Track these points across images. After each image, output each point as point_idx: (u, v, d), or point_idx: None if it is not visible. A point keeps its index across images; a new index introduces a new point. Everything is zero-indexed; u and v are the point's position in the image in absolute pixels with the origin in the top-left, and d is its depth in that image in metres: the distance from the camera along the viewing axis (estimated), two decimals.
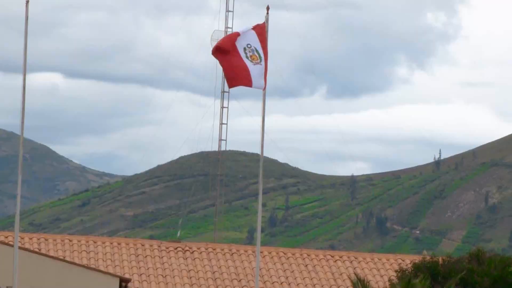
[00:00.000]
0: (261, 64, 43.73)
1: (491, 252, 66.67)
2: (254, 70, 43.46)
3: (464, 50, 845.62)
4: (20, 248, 53.46)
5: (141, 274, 67.24)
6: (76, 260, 66.64)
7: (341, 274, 67.43)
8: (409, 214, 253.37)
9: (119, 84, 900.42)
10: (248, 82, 43.06)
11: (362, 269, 66.24)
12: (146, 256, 70.35)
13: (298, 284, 66.62)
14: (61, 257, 65.92)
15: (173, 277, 67.54)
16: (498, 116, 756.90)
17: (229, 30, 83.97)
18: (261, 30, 44.61)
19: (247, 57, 43.75)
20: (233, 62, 43.99)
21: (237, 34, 44.03)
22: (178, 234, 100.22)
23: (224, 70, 43.92)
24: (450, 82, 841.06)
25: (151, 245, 74.42)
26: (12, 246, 54.19)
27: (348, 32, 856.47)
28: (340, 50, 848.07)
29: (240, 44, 44.22)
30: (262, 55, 43.82)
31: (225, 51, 43.94)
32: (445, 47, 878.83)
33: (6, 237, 65.39)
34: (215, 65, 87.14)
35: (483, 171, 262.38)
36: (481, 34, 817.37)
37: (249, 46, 44.07)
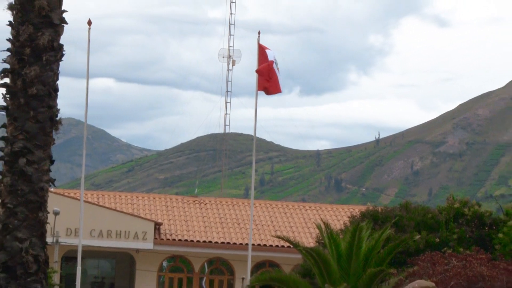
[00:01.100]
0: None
1: (415, 203, 67.72)
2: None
3: (396, 61, 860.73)
4: (84, 201, 57.64)
5: (169, 219, 71.24)
6: (124, 210, 70.84)
7: (310, 219, 70.74)
8: (357, 177, 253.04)
9: (153, 86, 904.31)
10: (279, 91, 51.82)
11: (325, 216, 68.11)
12: (173, 207, 74.67)
13: (280, 226, 70.90)
14: (113, 208, 70.36)
15: (192, 221, 71.69)
16: (420, 108, 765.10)
17: (231, 48, 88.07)
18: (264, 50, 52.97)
19: (277, 69, 52.01)
20: (272, 76, 51.35)
21: (271, 62, 51.89)
22: (196, 191, 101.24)
23: (266, 83, 51.57)
24: (386, 84, 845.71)
25: (176, 199, 79.09)
26: (79, 199, 56.42)
27: (315, 49, 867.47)
28: (310, 62, 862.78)
29: (274, 61, 51.71)
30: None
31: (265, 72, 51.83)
32: (382, 59, 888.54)
33: (75, 194, 70.45)
34: (221, 72, 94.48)
35: (409, 146, 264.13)
36: (408, 50, 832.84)
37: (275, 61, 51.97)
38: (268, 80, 51.62)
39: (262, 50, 54.11)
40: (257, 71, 51.77)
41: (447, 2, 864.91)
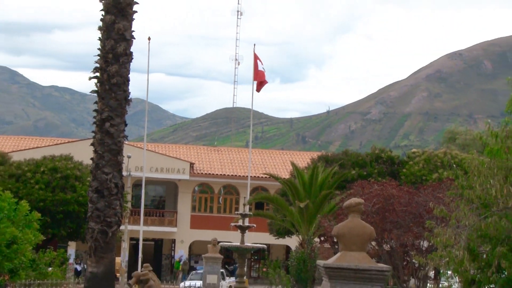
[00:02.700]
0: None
1: (351, 151, 69.44)
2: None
3: (339, 63, 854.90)
4: (146, 149, 62.27)
5: (199, 161, 70.37)
6: (171, 154, 69.73)
7: (286, 161, 69.88)
8: (316, 134, 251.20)
9: (189, 78, 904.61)
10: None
11: (295, 159, 68.08)
12: (201, 153, 74.00)
13: (267, 165, 70.40)
14: (164, 153, 69.68)
15: (213, 162, 71.17)
16: (354, 91, 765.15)
17: (237, 54, 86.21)
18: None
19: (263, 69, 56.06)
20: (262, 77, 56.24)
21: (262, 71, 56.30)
22: (215, 143, 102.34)
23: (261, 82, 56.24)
24: (334, 76, 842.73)
25: (203, 148, 79.47)
26: (142, 148, 57.23)
27: (289, 54, 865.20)
28: (286, 63, 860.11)
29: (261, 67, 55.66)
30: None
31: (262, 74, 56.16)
32: (331, 61, 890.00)
33: (140, 145, 66.78)
34: (230, 69, 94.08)
35: (348, 115, 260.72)
36: (348, 55, 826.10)
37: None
38: (260, 83, 56.00)
39: (256, 58, 56.54)
40: (254, 79, 56.10)
41: (371, 25, 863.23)
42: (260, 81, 56.43)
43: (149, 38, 54.94)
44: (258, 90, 56.87)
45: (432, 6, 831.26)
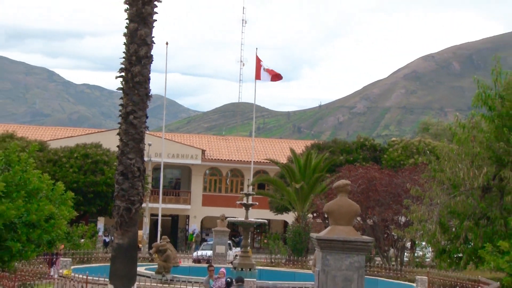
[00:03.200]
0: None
1: (340, 140, 68.89)
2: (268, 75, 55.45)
3: (330, 64, 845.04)
4: (165, 138, 61.66)
5: (209, 148, 69.68)
6: (185, 142, 69.08)
7: (283, 148, 69.96)
8: (309, 125, 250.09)
9: (201, 77, 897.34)
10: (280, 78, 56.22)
11: (292, 146, 64.05)
12: (211, 141, 73.60)
13: (268, 151, 69.47)
14: (179, 141, 68.91)
15: (221, 149, 70.58)
16: (342, 88, 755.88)
17: (242, 56, 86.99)
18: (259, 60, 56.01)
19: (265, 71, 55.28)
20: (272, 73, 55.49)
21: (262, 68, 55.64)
22: (223, 133, 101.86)
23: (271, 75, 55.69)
24: (326, 76, 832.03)
25: (213, 137, 79.04)
26: (161, 137, 57.83)
27: (287, 58, 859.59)
28: (284, 64, 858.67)
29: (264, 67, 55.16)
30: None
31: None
32: (324, 62, 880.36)
33: (159, 134, 65.35)
34: (238, 73, 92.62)
35: (337, 109, 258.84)
36: (338, 58, 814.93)
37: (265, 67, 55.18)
38: (275, 76, 55.86)
39: (258, 60, 56.03)
40: (256, 78, 55.97)
41: (357, 31, 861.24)
42: (274, 74, 56.01)
43: (166, 43, 55.12)
44: (273, 80, 56.91)
45: (409, 15, 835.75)
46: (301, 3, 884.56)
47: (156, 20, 14.26)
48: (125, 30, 14.18)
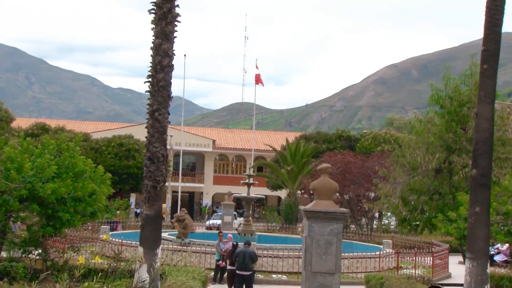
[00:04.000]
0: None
1: (322, 132, 67.95)
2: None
3: (315, 72, 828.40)
4: (184, 131, 60.71)
5: (219, 138, 69.23)
6: (199, 134, 68.05)
7: (278, 138, 69.54)
8: (298, 120, 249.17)
9: (213, 82, 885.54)
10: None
11: (285, 136, 64.72)
12: (220, 133, 73.33)
13: (266, 140, 67.14)
14: (195, 133, 67.32)
15: (228, 139, 69.89)
16: (325, 90, 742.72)
17: (244, 65, 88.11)
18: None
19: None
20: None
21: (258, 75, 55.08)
22: (230, 127, 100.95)
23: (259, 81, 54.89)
24: (311, 81, 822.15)
25: (222, 130, 78.01)
26: (180, 130, 57.55)
27: (281, 66, 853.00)
28: (278, 72, 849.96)
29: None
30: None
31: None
32: (309, 70, 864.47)
33: (179, 128, 63.07)
34: (241, 79, 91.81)
35: (320, 108, 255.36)
36: (323, 66, 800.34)
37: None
38: (259, 81, 54.34)
39: (257, 68, 55.74)
40: (256, 82, 55.86)
41: (336, 45, 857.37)
42: (259, 82, 55.91)
43: (184, 55, 55.99)
44: (260, 83, 56.44)
45: (377, 32, 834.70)
46: (291, 24, 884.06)
47: (176, 37, 14.21)
48: (152, 45, 14.14)
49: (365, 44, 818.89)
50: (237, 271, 17.45)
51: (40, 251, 15.61)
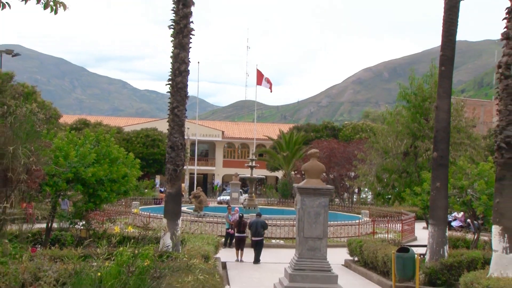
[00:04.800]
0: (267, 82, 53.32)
1: (311, 124, 66.69)
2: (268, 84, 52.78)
3: (306, 77, 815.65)
4: (198, 124, 59.65)
5: (227, 130, 68.18)
6: (211, 126, 67.29)
7: (275, 129, 67.68)
8: (291, 114, 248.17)
9: (221, 84, 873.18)
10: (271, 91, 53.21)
11: (281, 128, 62.89)
12: (228, 126, 72.42)
13: (265, 131, 66.97)
14: (207, 125, 66.44)
15: (234, 130, 69.14)
16: (311, 92, 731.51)
17: (247, 69, 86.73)
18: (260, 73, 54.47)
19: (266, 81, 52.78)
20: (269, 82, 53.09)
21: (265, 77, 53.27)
22: (236, 120, 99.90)
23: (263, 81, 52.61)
24: (303, 83, 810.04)
25: (229, 124, 76.75)
26: (195, 123, 57.65)
27: (277, 70, 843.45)
28: (275, 75, 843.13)
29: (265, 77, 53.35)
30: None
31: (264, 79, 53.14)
32: (304, 75, 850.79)
33: (194, 122, 61.86)
34: (244, 81, 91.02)
35: (309, 103, 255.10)
36: (316, 72, 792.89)
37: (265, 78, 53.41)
38: (266, 81, 52.85)
39: (258, 72, 54.59)
40: (257, 83, 53.60)
41: (324, 52, 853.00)
42: (271, 85, 53.83)
43: (198, 62, 54.81)
44: (271, 90, 53.98)
45: (354, 40, 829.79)
46: (285, 35, 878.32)
47: (191, 47, 14.13)
48: (171, 54, 14.06)
49: (345, 50, 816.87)
50: (252, 238, 17.35)
51: (84, 222, 15.71)
